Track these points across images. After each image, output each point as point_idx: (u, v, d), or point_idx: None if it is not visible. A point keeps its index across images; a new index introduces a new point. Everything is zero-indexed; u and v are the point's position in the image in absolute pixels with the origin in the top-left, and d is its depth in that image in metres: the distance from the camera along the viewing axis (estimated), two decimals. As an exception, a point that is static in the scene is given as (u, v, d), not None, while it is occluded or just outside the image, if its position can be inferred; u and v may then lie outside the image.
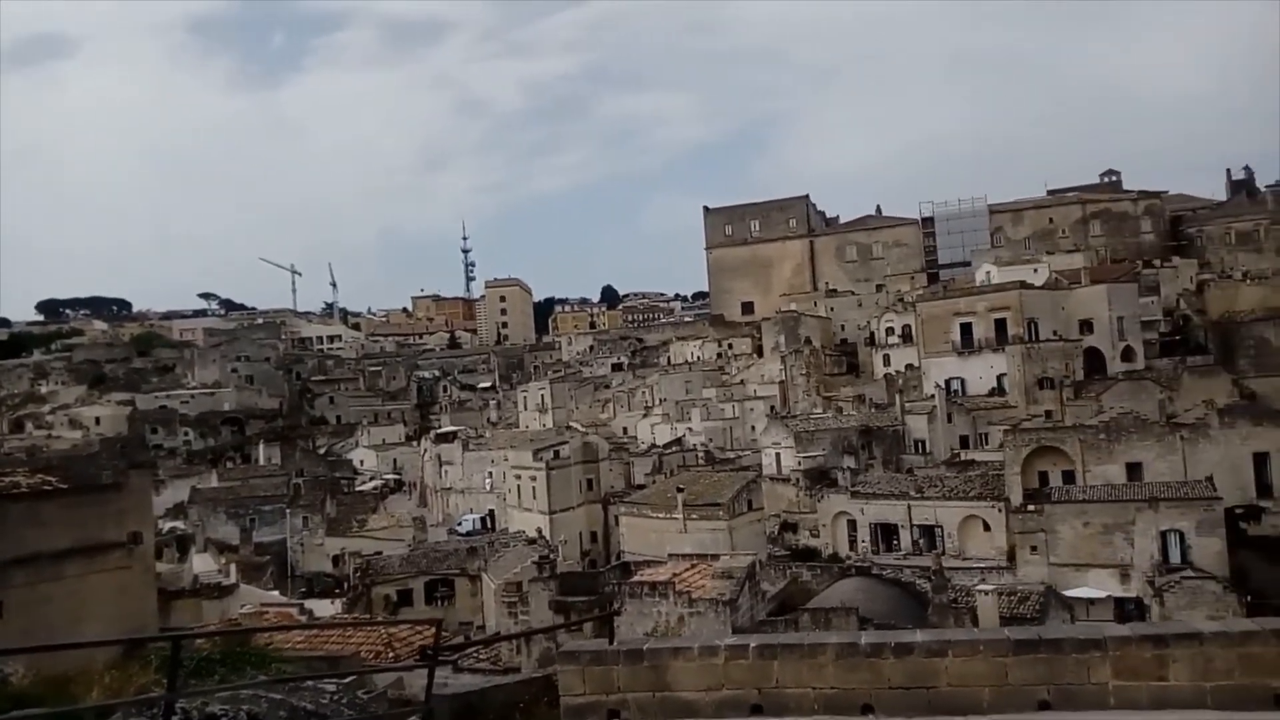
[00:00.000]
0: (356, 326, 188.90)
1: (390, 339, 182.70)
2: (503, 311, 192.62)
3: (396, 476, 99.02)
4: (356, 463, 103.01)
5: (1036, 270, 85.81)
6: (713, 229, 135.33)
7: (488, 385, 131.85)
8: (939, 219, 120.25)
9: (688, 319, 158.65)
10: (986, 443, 63.11)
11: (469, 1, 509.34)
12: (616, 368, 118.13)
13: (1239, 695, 7.84)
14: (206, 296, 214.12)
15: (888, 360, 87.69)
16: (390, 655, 18.61)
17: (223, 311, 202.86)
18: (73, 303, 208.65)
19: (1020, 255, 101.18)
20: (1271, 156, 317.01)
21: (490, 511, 75.62)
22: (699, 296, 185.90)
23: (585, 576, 42.50)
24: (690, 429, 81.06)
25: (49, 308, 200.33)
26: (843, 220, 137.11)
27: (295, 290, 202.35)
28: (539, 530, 58.35)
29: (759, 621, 28.63)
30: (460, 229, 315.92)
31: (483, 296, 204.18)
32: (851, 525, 51.79)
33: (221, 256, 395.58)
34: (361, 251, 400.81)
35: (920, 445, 65.55)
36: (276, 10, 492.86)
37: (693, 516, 54.17)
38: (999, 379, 73.89)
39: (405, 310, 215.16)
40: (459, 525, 72.52)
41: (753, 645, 8.89)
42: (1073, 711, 8.05)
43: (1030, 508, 46.38)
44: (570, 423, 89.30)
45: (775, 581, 39.56)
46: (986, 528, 47.74)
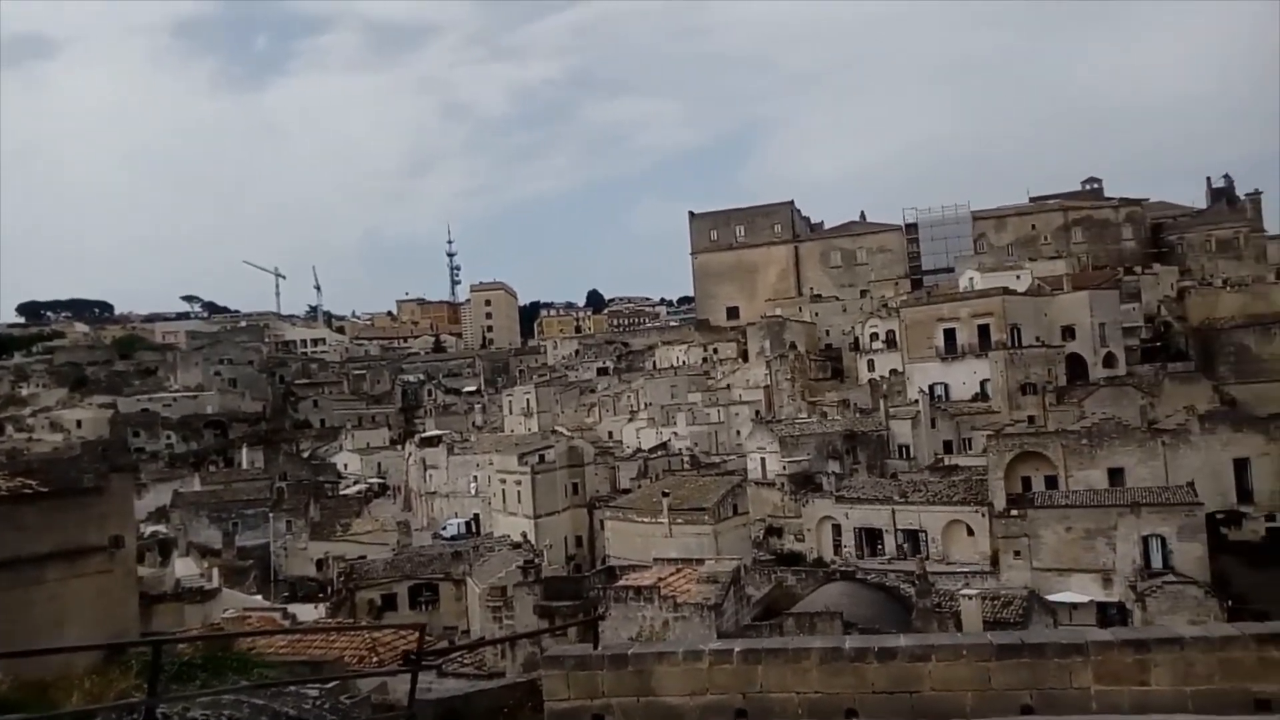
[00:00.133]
0: (341, 330, 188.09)
1: (375, 342, 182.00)
2: (488, 315, 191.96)
3: (381, 480, 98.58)
4: (340, 467, 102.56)
5: (1019, 277, 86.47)
6: (698, 234, 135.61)
7: (473, 389, 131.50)
8: (923, 225, 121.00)
9: (673, 323, 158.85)
10: (970, 448, 63.50)
11: (455, 5, 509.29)
12: (602, 372, 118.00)
13: (1219, 699, 7.90)
14: (189, 299, 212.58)
15: (872, 365, 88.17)
16: (374, 660, 18.56)
17: (206, 314, 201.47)
18: (54, 305, 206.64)
19: (1003, 262, 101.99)
20: (1250, 164, 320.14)
21: (475, 516, 75.34)
22: (685, 301, 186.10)
23: (570, 581, 42.36)
24: (676, 433, 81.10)
25: (30, 310, 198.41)
26: (827, 226, 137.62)
27: (279, 293, 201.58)
28: (524, 535, 58.25)
29: (744, 626, 28.64)
30: (445, 232, 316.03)
31: (468, 300, 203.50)
32: (836, 530, 51.97)
33: (205, 259, 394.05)
34: (346, 255, 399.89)
35: (904, 450, 65.91)
36: (260, 13, 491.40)
37: (678, 521, 54.16)
38: (982, 384, 74.37)
39: (390, 314, 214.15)
40: (443, 529, 72.16)
41: (737, 650, 8.90)
42: (1055, 716, 8.08)
43: (1013, 512, 46.65)
44: (555, 427, 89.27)
45: (760, 586, 39.54)
46: (970, 532, 47.98)
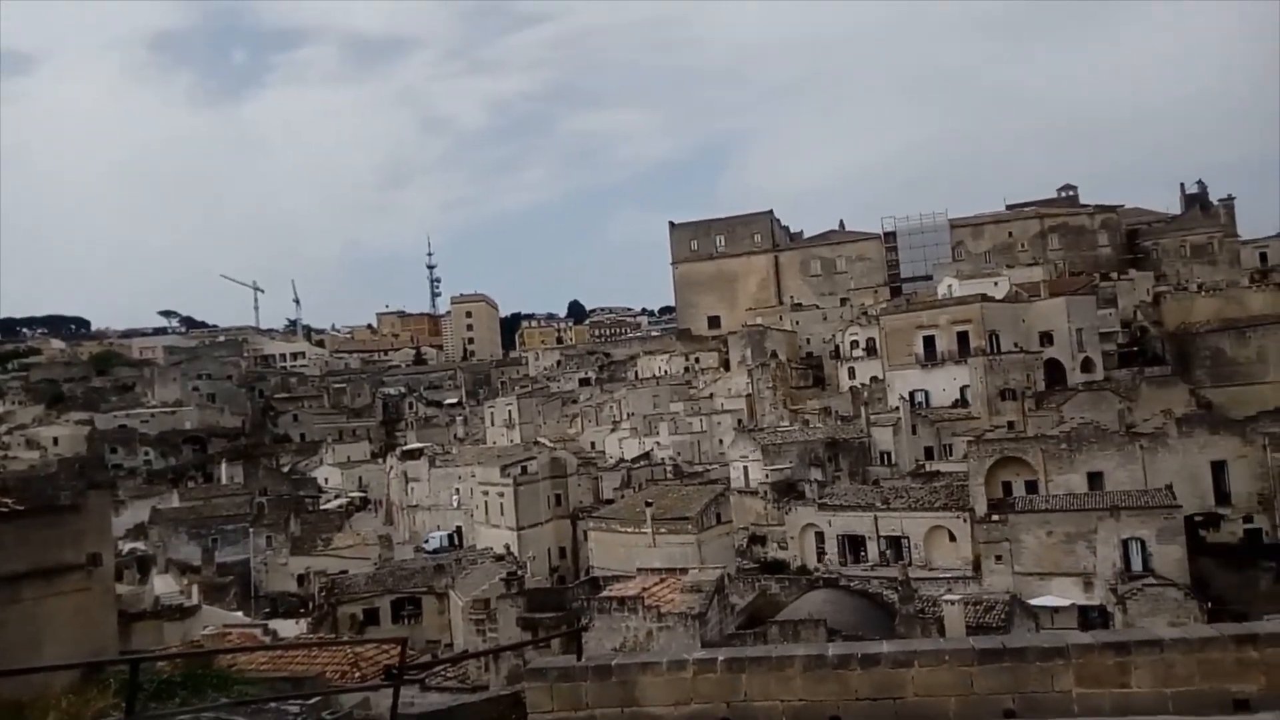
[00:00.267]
0: (320, 343, 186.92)
1: (355, 355, 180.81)
2: (469, 327, 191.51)
3: (362, 494, 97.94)
4: (321, 481, 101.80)
5: (997, 283, 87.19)
6: (678, 244, 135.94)
7: (454, 401, 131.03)
8: (901, 233, 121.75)
9: (655, 333, 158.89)
10: (951, 454, 63.84)
11: (432, 19, 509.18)
12: (584, 383, 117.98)
13: (1199, 700, 7.96)
14: (167, 314, 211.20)
15: (853, 373, 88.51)
16: (356, 675, 18.37)
17: (184, 329, 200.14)
18: (29, 321, 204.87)
19: (981, 269, 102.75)
20: (1222, 170, 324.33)
21: (457, 528, 75.00)
22: (666, 311, 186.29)
23: (553, 592, 42.32)
24: (658, 443, 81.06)
25: (5, 326, 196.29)
26: (806, 235, 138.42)
27: (258, 307, 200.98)
28: (507, 547, 57.97)
29: (728, 635, 28.63)
30: (425, 245, 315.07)
31: (448, 312, 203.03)
32: (819, 537, 52.08)
33: (183, 274, 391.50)
34: (325, 268, 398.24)
35: (886, 457, 66.13)
36: (236, 26, 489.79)
37: (661, 530, 54.08)
38: (962, 390, 74.85)
39: (370, 327, 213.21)
40: (426, 543, 71.80)
41: (721, 659, 8.88)
42: (1037, 719, 8.12)
43: (994, 517, 46.88)
44: (538, 438, 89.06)
45: (744, 594, 39.60)
46: (952, 538, 48.19)
